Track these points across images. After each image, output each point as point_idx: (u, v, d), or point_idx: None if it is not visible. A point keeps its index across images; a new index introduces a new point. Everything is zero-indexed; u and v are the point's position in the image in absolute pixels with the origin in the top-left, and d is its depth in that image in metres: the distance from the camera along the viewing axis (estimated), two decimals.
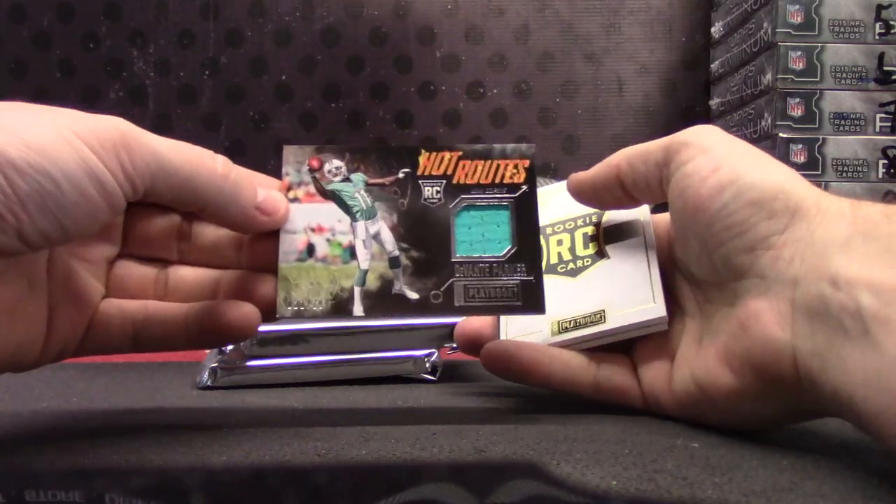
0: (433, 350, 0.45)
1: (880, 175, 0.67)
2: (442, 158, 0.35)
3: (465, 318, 0.40)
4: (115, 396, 0.41)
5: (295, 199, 0.34)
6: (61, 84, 0.81)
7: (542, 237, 0.39)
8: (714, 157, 0.31)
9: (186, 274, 0.33)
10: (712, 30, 0.84)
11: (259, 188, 0.33)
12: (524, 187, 0.34)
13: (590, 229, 0.38)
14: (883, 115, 0.67)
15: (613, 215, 0.38)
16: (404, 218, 0.34)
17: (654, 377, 0.34)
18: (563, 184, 0.40)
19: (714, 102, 0.85)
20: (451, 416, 0.35)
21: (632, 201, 0.36)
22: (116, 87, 0.82)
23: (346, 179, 0.34)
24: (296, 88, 0.82)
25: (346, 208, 0.34)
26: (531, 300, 0.33)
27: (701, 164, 0.31)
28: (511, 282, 0.33)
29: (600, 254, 0.37)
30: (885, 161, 0.67)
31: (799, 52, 0.66)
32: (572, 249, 0.38)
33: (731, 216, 0.30)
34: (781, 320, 0.28)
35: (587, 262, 0.37)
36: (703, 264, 0.32)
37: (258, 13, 0.83)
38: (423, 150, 0.35)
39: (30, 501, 0.25)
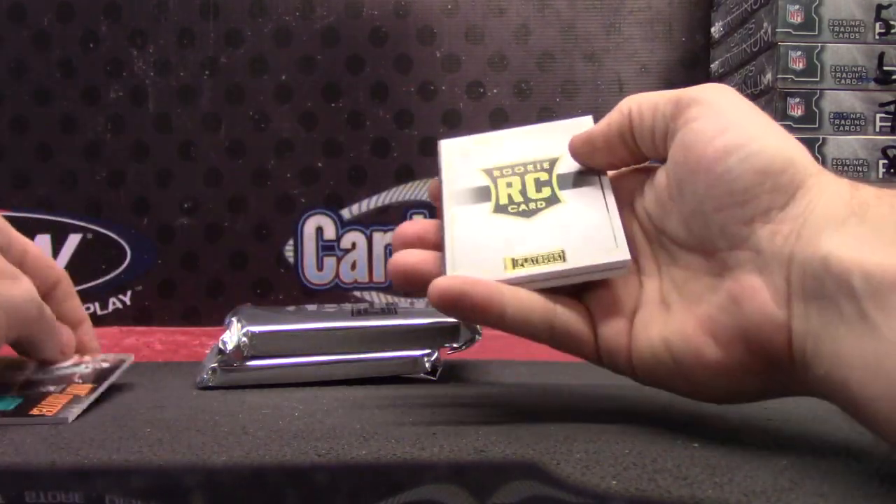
0: (433, 350, 0.45)
1: (880, 175, 0.67)
2: None
3: (401, 249, 0.36)
4: (116, 396, 0.41)
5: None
6: (61, 84, 0.81)
7: (489, 178, 0.38)
8: (724, 118, 0.30)
9: None
10: (712, 30, 0.84)
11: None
12: None
13: (542, 175, 0.37)
14: (883, 115, 0.67)
15: (567, 163, 0.36)
16: None
17: (611, 335, 0.32)
18: (514, 130, 0.39)
19: None
20: (451, 416, 0.35)
21: (635, 157, 0.34)
22: (116, 87, 0.82)
23: None
24: (296, 88, 0.82)
25: None
26: None
27: (709, 124, 0.30)
28: None
29: (554, 198, 0.36)
30: (885, 161, 0.67)
31: (799, 52, 0.66)
32: (524, 192, 0.36)
33: (734, 182, 0.29)
34: (778, 298, 0.27)
35: (541, 204, 0.35)
36: (692, 227, 0.31)
37: (258, 13, 0.83)
38: None
39: (30, 501, 0.25)
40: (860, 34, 0.66)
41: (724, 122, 0.30)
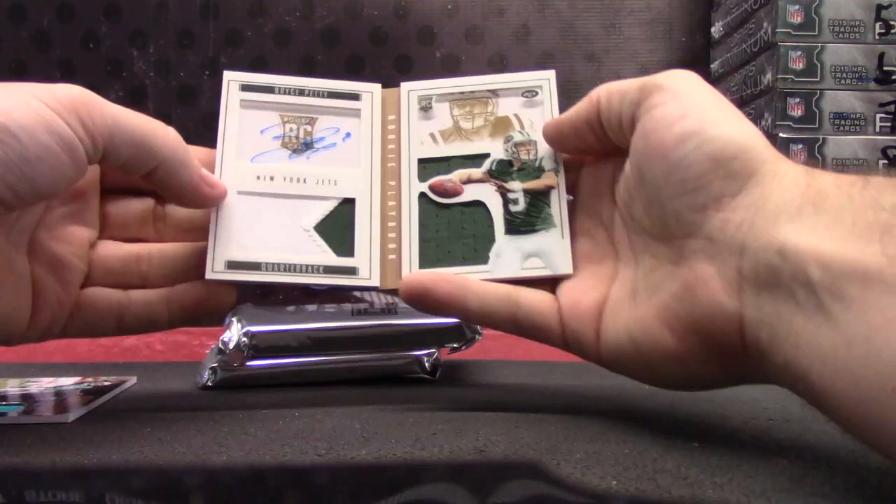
0: (433, 350, 0.45)
1: None
2: None
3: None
4: (116, 396, 0.41)
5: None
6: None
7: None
8: (684, 104, 0.30)
9: (166, 250, 0.36)
10: (712, 30, 0.84)
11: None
12: None
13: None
14: (883, 115, 0.67)
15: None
16: None
17: (578, 326, 0.33)
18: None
19: None
20: (451, 416, 0.35)
21: (605, 145, 0.35)
22: (116, 87, 0.82)
23: None
24: None
25: None
26: None
27: (670, 110, 0.30)
28: None
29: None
30: (885, 161, 0.67)
31: (799, 52, 0.66)
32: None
33: (688, 168, 0.29)
34: (729, 287, 0.27)
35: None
36: (653, 215, 0.31)
37: (258, 13, 0.83)
38: None
39: (30, 501, 0.25)
40: (860, 34, 0.66)
41: (683, 109, 0.30)
